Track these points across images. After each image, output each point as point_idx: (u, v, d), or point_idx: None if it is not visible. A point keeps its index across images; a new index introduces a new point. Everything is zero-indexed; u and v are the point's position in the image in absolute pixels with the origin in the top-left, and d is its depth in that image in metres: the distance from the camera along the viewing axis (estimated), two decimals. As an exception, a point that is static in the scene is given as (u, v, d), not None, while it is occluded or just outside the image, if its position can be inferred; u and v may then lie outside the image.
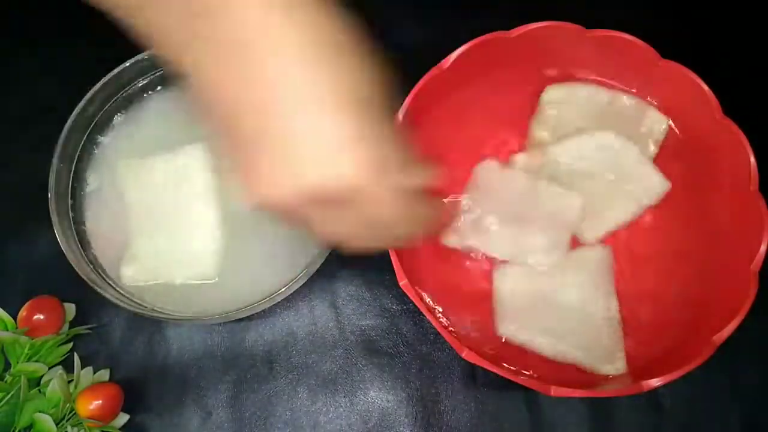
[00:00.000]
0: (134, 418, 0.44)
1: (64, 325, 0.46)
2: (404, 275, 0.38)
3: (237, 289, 0.45)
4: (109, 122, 0.48)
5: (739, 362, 0.45)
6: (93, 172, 0.47)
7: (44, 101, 0.52)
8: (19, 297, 0.45)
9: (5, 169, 0.51)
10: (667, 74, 0.42)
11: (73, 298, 0.46)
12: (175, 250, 0.45)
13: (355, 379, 0.46)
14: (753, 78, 0.52)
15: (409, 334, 0.47)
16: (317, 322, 0.47)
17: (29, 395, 0.41)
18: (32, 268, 0.48)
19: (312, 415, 0.45)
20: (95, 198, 0.47)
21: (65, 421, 0.42)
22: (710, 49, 0.49)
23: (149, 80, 0.48)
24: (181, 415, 0.45)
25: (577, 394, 0.36)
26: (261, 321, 0.47)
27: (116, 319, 0.47)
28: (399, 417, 0.45)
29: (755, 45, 0.54)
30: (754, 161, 0.39)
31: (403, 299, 0.47)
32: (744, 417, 0.44)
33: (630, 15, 0.46)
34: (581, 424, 0.44)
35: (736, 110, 0.40)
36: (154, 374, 0.46)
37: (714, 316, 0.38)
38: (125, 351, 0.46)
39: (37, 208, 0.43)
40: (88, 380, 0.44)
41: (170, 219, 0.46)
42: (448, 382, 0.45)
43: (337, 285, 0.48)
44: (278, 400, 0.45)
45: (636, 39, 0.42)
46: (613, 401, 0.45)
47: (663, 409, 0.44)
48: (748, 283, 0.38)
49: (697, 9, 0.55)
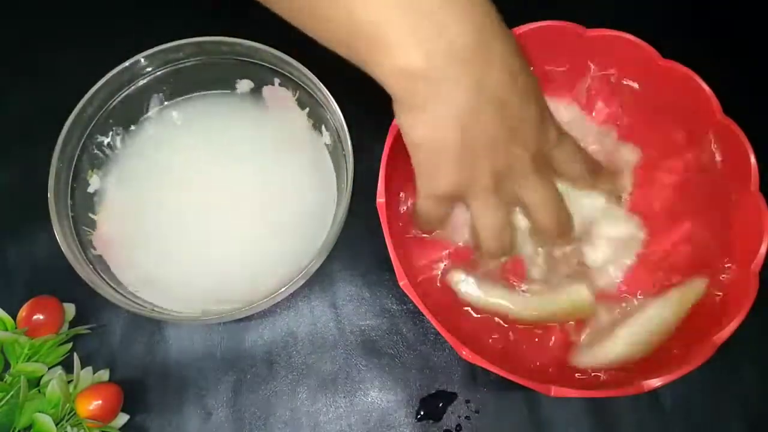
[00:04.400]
0: (134, 418, 0.44)
1: (64, 325, 0.46)
2: (404, 275, 0.38)
3: (237, 289, 0.45)
4: (109, 122, 0.48)
5: (739, 362, 0.45)
6: (93, 172, 0.47)
7: (44, 101, 0.52)
8: (19, 297, 0.45)
9: (5, 169, 0.51)
10: (667, 74, 0.42)
11: (73, 298, 0.46)
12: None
13: (355, 380, 0.46)
14: (753, 78, 0.52)
15: (409, 334, 0.47)
16: (317, 322, 0.47)
17: (29, 395, 0.41)
18: (32, 268, 0.48)
19: (312, 416, 0.45)
20: (96, 198, 0.47)
21: (65, 422, 0.42)
22: (710, 49, 0.49)
23: (149, 80, 0.48)
24: (181, 415, 0.45)
25: (577, 394, 0.36)
26: (261, 321, 0.47)
27: (116, 319, 0.47)
28: (399, 417, 0.45)
29: (755, 45, 0.54)
30: (755, 161, 0.39)
31: (403, 299, 0.47)
32: (744, 417, 0.44)
33: (630, 15, 0.46)
34: (581, 424, 0.44)
35: (736, 110, 0.40)
36: (154, 374, 0.46)
37: (714, 316, 0.38)
38: (125, 351, 0.46)
39: (37, 208, 0.43)
40: (87, 380, 0.44)
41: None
42: (448, 382, 0.45)
43: (337, 285, 0.48)
44: (278, 400, 0.45)
45: (636, 39, 0.42)
46: (613, 401, 0.45)
47: (663, 409, 0.44)
48: (748, 283, 0.38)
49: (697, 9, 0.55)
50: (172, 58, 0.48)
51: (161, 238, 0.46)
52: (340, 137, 0.45)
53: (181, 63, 0.48)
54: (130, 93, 0.48)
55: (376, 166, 0.40)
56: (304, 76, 0.46)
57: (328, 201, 0.47)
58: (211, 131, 0.49)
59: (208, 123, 0.50)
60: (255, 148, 0.49)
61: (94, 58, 0.46)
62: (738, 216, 0.40)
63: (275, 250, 0.46)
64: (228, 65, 0.48)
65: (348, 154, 0.44)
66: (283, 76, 0.48)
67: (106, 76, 0.46)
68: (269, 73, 0.48)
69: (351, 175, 0.43)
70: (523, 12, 0.43)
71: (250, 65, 0.48)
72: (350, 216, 0.43)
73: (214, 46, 0.47)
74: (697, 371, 0.36)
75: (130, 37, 0.49)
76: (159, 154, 0.49)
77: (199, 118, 0.50)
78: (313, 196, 0.47)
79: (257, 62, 0.48)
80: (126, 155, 0.49)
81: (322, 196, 0.47)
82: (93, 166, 0.47)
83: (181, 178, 0.48)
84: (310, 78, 0.45)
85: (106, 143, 0.48)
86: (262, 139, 0.49)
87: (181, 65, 0.48)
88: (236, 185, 0.48)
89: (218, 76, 0.50)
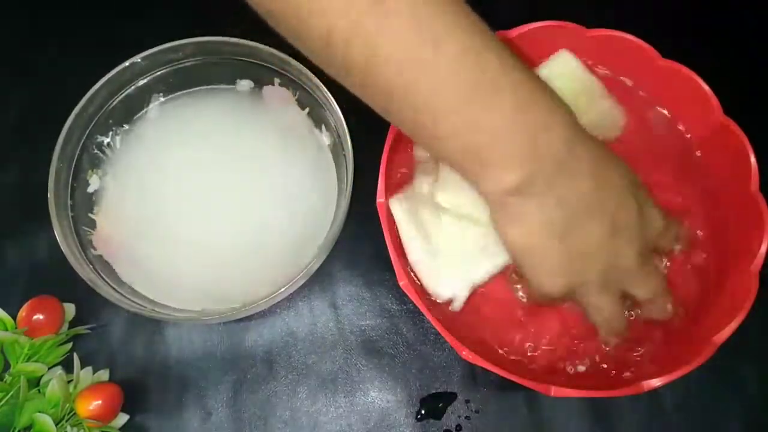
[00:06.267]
0: (134, 418, 0.44)
1: (64, 325, 0.46)
2: (404, 275, 0.38)
3: (237, 289, 0.45)
4: (109, 122, 0.48)
5: (739, 362, 0.45)
6: (93, 172, 0.47)
7: (44, 101, 0.52)
8: (19, 297, 0.45)
9: (5, 169, 0.51)
10: (667, 74, 0.42)
11: (72, 298, 0.46)
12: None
13: (355, 380, 0.46)
14: (753, 78, 0.52)
15: (409, 334, 0.47)
16: (317, 322, 0.47)
17: (29, 395, 0.41)
18: (32, 268, 0.48)
19: (312, 415, 0.45)
20: (95, 198, 0.47)
21: (65, 421, 0.42)
22: (710, 49, 0.49)
23: (149, 80, 0.48)
24: (181, 415, 0.45)
25: (577, 394, 0.36)
26: (261, 321, 0.47)
27: (116, 319, 0.47)
28: (399, 417, 0.45)
29: (755, 45, 0.54)
30: (755, 161, 0.39)
31: (403, 299, 0.47)
32: (744, 417, 0.44)
33: (630, 15, 0.46)
34: (581, 424, 0.44)
35: (736, 110, 0.40)
36: (154, 374, 0.46)
37: (714, 316, 0.38)
38: (125, 351, 0.46)
39: (37, 208, 0.43)
40: (87, 380, 0.44)
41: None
42: (448, 382, 0.45)
43: (337, 285, 0.48)
44: (278, 400, 0.45)
45: (636, 39, 0.42)
46: (613, 401, 0.45)
47: (663, 409, 0.44)
48: (748, 283, 0.38)
49: (697, 9, 0.55)
50: (172, 58, 0.48)
51: (161, 237, 0.46)
52: (340, 137, 0.45)
53: (181, 63, 0.48)
54: (130, 93, 0.48)
55: (376, 166, 0.40)
56: (304, 76, 0.46)
57: (328, 201, 0.47)
58: (211, 131, 0.49)
59: (208, 123, 0.49)
60: (255, 148, 0.49)
61: (94, 58, 0.46)
62: (738, 216, 0.40)
63: (275, 249, 0.46)
64: (228, 65, 0.48)
65: (348, 154, 0.44)
66: (284, 76, 0.48)
67: (106, 76, 0.46)
68: (269, 73, 0.48)
69: (351, 175, 0.43)
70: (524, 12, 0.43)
71: (250, 65, 0.48)
72: (350, 216, 0.43)
73: (214, 46, 0.47)
74: (697, 371, 0.36)
75: (130, 37, 0.49)
76: (159, 154, 0.49)
77: (199, 118, 0.50)
78: (313, 196, 0.47)
79: (257, 62, 0.48)
80: (126, 155, 0.49)
81: (322, 196, 0.47)
82: (93, 166, 0.47)
83: (181, 178, 0.48)
84: (310, 78, 0.45)
85: (106, 143, 0.48)
86: (262, 139, 0.49)
87: (181, 65, 0.48)
88: (236, 185, 0.48)
89: (218, 76, 0.50)
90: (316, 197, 0.47)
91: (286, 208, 0.47)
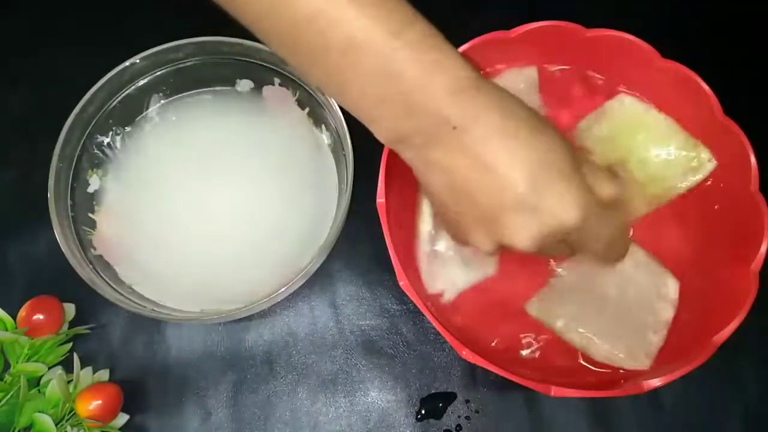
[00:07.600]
0: (134, 418, 0.44)
1: (64, 325, 0.46)
2: (404, 275, 0.38)
3: (237, 289, 0.45)
4: (109, 122, 0.48)
5: (739, 362, 0.45)
6: (93, 172, 0.47)
7: (44, 101, 0.52)
8: (19, 297, 0.45)
9: (5, 169, 0.51)
10: (667, 74, 0.42)
11: (72, 298, 0.46)
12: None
13: (355, 380, 0.46)
14: (753, 78, 0.52)
15: (409, 334, 0.47)
16: (317, 322, 0.47)
17: (29, 395, 0.41)
18: (32, 268, 0.48)
19: (312, 416, 0.45)
20: (95, 198, 0.47)
21: (65, 421, 0.42)
22: (710, 49, 0.49)
23: (149, 80, 0.48)
24: (181, 415, 0.45)
25: (577, 394, 0.36)
26: (261, 321, 0.47)
27: (116, 319, 0.47)
28: (399, 417, 0.45)
29: (755, 45, 0.54)
30: (755, 161, 0.39)
31: (403, 299, 0.47)
32: (744, 417, 0.44)
33: (630, 15, 0.46)
34: (581, 424, 0.44)
35: (736, 110, 0.40)
36: (154, 374, 0.46)
37: (714, 316, 0.38)
38: (125, 351, 0.46)
39: (37, 208, 0.43)
40: (87, 380, 0.44)
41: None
42: (448, 382, 0.45)
43: (337, 285, 0.48)
44: (278, 400, 0.45)
45: (636, 39, 0.42)
46: (613, 401, 0.45)
47: (663, 409, 0.44)
48: (748, 283, 0.38)
49: (697, 9, 0.55)
50: (172, 58, 0.48)
51: (161, 237, 0.46)
52: (340, 137, 0.45)
53: (181, 63, 0.48)
54: (130, 93, 0.48)
55: (376, 166, 0.40)
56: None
57: (328, 201, 0.47)
58: (211, 131, 0.49)
59: (208, 123, 0.49)
60: (255, 148, 0.49)
61: (94, 58, 0.46)
62: (738, 216, 0.40)
63: (275, 249, 0.46)
64: (228, 65, 0.48)
65: (348, 154, 0.44)
66: (283, 76, 0.48)
67: (106, 76, 0.46)
68: (269, 73, 0.48)
69: (351, 175, 0.43)
70: (523, 12, 0.43)
71: (250, 65, 0.48)
72: (350, 216, 0.43)
73: (214, 46, 0.47)
74: (697, 371, 0.36)
75: (130, 37, 0.49)
76: (159, 153, 0.49)
77: (199, 118, 0.50)
78: (313, 196, 0.48)
79: (257, 62, 0.48)
80: (126, 155, 0.49)
81: (322, 196, 0.47)
82: (93, 166, 0.47)
83: (181, 178, 0.48)
84: (310, 78, 0.45)
85: (106, 143, 0.48)
86: (262, 139, 0.49)
87: (180, 65, 0.48)
88: (236, 185, 0.48)
89: (218, 76, 0.50)
90: (316, 197, 0.47)
91: (286, 208, 0.47)
